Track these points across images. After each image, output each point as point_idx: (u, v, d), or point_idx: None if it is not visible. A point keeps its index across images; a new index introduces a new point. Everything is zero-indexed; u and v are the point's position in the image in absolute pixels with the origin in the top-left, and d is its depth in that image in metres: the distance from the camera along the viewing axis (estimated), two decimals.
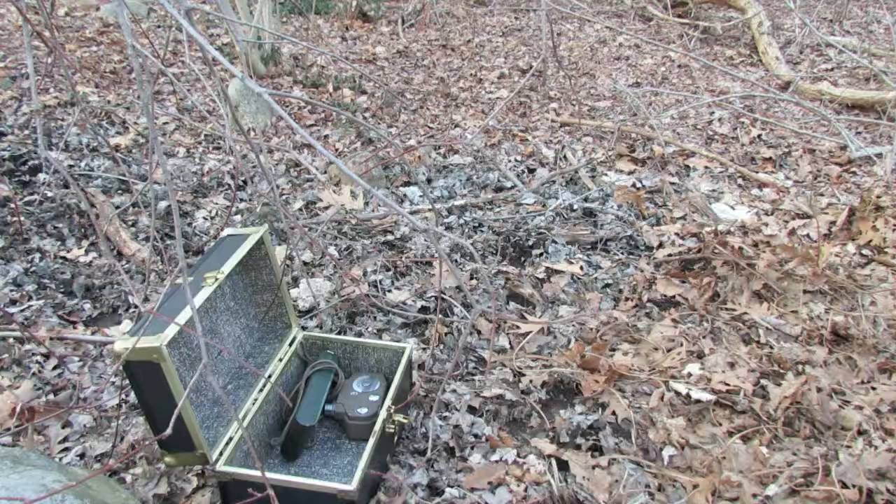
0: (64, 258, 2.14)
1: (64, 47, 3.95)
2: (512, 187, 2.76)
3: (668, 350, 1.84)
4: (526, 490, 1.42)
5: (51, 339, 1.76)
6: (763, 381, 1.72)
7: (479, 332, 1.93)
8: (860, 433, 1.55)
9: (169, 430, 0.79)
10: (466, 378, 1.75)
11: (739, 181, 2.88)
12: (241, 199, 2.57)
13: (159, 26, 4.60)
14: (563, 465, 1.49)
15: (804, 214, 2.57)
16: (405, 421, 1.53)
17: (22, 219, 2.25)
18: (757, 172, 2.93)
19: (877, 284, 2.10)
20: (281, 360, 1.55)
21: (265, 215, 2.38)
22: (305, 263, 2.20)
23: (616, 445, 1.54)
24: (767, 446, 1.53)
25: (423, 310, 2.00)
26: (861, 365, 1.78)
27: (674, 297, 2.08)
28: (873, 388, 1.69)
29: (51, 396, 1.62)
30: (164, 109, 3.26)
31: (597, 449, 1.54)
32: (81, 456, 1.47)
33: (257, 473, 1.23)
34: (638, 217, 2.54)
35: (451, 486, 1.42)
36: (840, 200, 2.68)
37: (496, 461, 1.49)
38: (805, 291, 2.05)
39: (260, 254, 1.51)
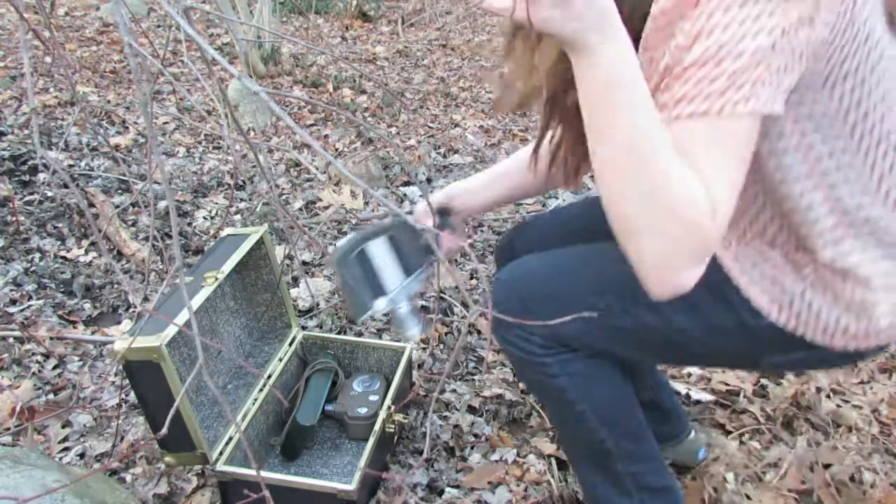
0: (64, 258, 2.14)
1: (64, 47, 3.95)
2: None
3: None
4: (526, 490, 1.42)
5: (51, 338, 1.76)
6: (763, 381, 1.72)
7: (478, 332, 1.93)
8: (851, 430, 1.55)
9: (164, 430, 0.79)
10: (466, 378, 1.75)
11: None
12: (241, 199, 2.57)
13: (159, 26, 4.60)
14: (563, 465, 1.49)
15: None
16: (405, 421, 1.53)
17: (21, 218, 2.25)
18: None
19: None
20: (281, 359, 1.55)
21: (265, 215, 2.38)
22: (305, 263, 2.20)
23: None
24: (765, 447, 1.53)
25: (423, 310, 2.00)
26: (861, 365, 1.77)
27: None
28: (871, 389, 1.69)
29: (51, 396, 1.62)
30: (163, 109, 3.26)
31: None
32: (81, 456, 1.47)
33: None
34: None
35: (451, 486, 1.42)
36: None
37: (496, 461, 1.49)
38: None
39: (260, 254, 1.51)
